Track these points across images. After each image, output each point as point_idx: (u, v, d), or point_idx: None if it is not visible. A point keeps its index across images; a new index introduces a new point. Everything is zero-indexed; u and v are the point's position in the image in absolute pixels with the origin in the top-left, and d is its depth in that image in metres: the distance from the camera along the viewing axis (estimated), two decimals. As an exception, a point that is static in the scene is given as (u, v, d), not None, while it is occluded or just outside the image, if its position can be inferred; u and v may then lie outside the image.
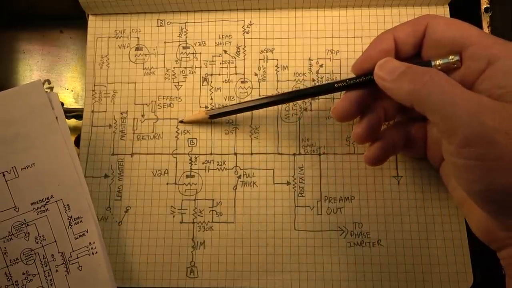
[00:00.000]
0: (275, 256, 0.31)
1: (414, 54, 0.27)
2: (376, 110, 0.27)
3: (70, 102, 0.39)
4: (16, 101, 0.28)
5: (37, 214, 0.28)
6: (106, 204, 0.33)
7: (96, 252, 0.29)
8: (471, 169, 0.21)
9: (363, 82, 0.27)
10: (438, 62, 0.25)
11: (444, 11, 0.34)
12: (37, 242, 0.28)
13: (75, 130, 0.38)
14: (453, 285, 0.30)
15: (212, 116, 0.32)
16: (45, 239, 0.28)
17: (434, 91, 0.22)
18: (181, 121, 0.33)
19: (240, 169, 0.33)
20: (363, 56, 0.27)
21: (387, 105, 0.28)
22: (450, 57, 0.25)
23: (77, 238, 0.28)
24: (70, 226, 0.28)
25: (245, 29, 0.35)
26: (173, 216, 0.32)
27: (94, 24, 0.35)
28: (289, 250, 0.31)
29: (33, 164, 0.28)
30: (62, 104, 0.38)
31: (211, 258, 0.31)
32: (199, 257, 0.31)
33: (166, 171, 0.33)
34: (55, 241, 0.28)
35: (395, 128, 0.29)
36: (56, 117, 0.29)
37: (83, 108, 0.34)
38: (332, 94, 0.33)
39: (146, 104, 0.34)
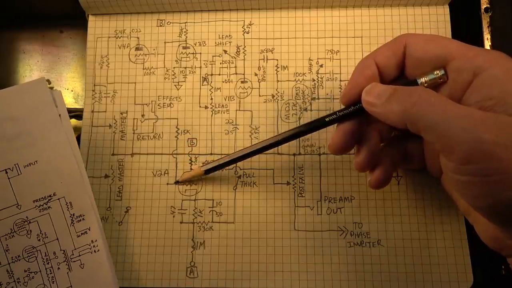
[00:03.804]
0: (275, 256, 0.31)
1: (398, 75, 0.27)
2: (372, 136, 0.27)
3: (70, 102, 0.39)
4: (19, 99, 0.28)
5: (40, 211, 0.28)
6: (107, 204, 0.33)
7: (98, 250, 0.29)
8: (474, 185, 0.21)
9: (353, 111, 0.27)
10: (424, 79, 0.25)
11: (444, 11, 0.34)
12: (39, 240, 0.28)
13: (75, 130, 0.37)
14: (453, 285, 0.30)
15: (207, 171, 0.31)
16: (47, 237, 0.28)
17: (425, 110, 0.21)
18: (177, 182, 0.33)
19: (240, 169, 0.33)
20: (348, 85, 0.27)
21: (381, 127, 0.28)
22: (435, 72, 0.25)
23: (79, 236, 0.28)
24: (72, 224, 0.28)
25: (245, 29, 0.35)
26: (173, 216, 0.32)
27: (94, 24, 0.35)
28: (289, 250, 0.31)
29: (36, 161, 0.28)
30: (62, 104, 0.38)
31: (211, 258, 0.31)
32: (199, 257, 0.31)
33: (166, 171, 0.33)
34: (57, 238, 0.28)
35: (392, 147, 0.28)
36: (60, 115, 0.29)
37: (83, 108, 0.34)
38: (331, 91, 0.33)
39: (146, 104, 0.34)
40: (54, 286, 0.28)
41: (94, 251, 0.28)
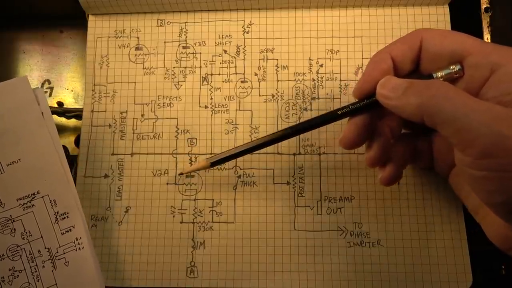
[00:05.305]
0: (275, 256, 0.31)
1: (413, 69, 0.27)
2: (383, 131, 0.27)
3: (70, 102, 0.39)
4: (1, 97, 0.28)
5: (23, 209, 0.28)
6: (106, 204, 0.33)
7: (83, 248, 0.28)
8: (491, 180, 0.20)
9: (366, 105, 0.26)
10: (440, 74, 0.25)
11: (444, 11, 0.34)
12: (24, 238, 0.28)
13: (75, 130, 0.38)
14: (453, 285, 0.30)
15: (213, 164, 0.30)
16: (31, 235, 0.28)
17: (443, 103, 0.21)
18: (181, 174, 0.32)
19: (240, 169, 0.33)
20: (362, 78, 0.26)
21: (392, 123, 0.27)
22: (451, 67, 0.25)
23: (63, 233, 0.28)
24: (56, 222, 0.28)
25: (245, 29, 0.35)
26: (173, 216, 0.32)
27: (94, 24, 0.35)
28: (289, 250, 0.31)
29: (19, 159, 0.28)
30: (62, 104, 0.38)
31: (211, 258, 0.31)
32: (199, 257, 0.31)
33: (166, 171, 0.33)
34: (42, 236, 0.28)
35: (402, 144, 0.28)
36: (42, 113, 0.29)
37: (83, 108, 0.34)
38: (331, 90, 0.33)
39: (146, 104, 0.34)
40: (39, 285, 0.28)
41: (79, 248, 0.28)
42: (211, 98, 0.34)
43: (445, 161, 0.28)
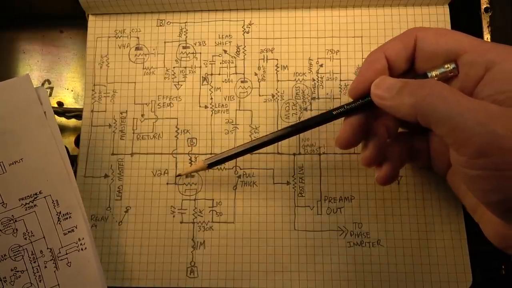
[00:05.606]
0: (275, 256, 0.31)
1: (408, 68, 0.27)
2: (379, 131, 0.27)
3: (70, 102, 0.39)
4: (3, 96, 0.28)
5: (25, 210, 0.28)
6: (106, 204, 0.33)
7: (85, 248, 0.28)
8: (486, 179, 0.20)
9: (361, 105, 0.26)
10: (434, 73, 0.25)
11: (444, 11, 0.34)
12: (26, 238, 0.28)
13: (75, 130, 0.38)
14: (452, 285, 0.30)
15: (211, 165, 0.30)
16: (33, 235, 0.28)
17: (437, 103, 0.21)
18: (179, 175, 0.32)
19: (240, 169, 0.33)
20: (357, 79, 0.26)
21: (388, 122, 0.27)
22: (446, 65, 0.25)
23: (66, 234, 0.28)
24: (58, 222, 0.28)
25: (245, 29, 0.35)
26: (173, 216, 0.32)
27: (94, 24, 0.35)
28: (289, 250, 0.31)
29: (21, 159, 0.28)
30: (62, 104, 0.38)
31: (211, 258, 0.31)
32: (199, 257, 0.31)
33: (166, 171, 0.33)
34: (44, 237, 0.28)
35: (399, 143, 0.28)
36: (45, 112, 0.28)
37: (83, 108, 0.34)
38: (331, 90, 0.33)
39: (146, 104, 0.34)
40: (41, 285, 0.28)
41: (81, 249, 0.28)
42: (211, 98, 0.34)
43: (442, 160, 0.28)
